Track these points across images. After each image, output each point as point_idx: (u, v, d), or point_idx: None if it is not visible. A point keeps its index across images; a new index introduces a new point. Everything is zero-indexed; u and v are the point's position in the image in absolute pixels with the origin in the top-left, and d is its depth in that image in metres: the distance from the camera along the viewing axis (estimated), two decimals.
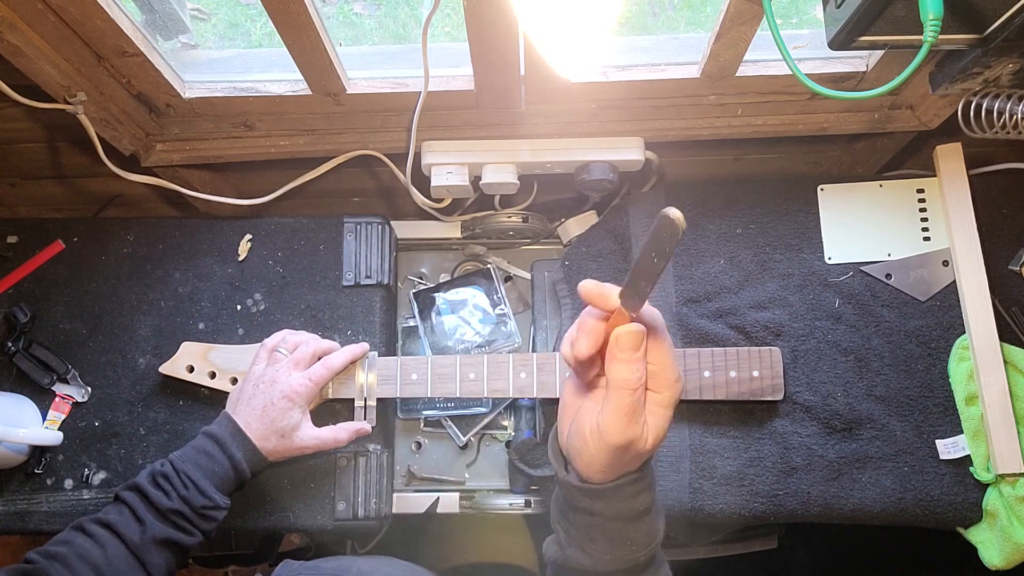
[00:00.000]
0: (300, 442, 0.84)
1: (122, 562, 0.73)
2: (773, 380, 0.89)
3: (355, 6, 1.32)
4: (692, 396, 0.89)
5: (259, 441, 0.82)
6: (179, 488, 0.77)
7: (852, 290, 0.95)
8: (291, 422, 0.83)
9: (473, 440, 1.02)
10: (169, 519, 0.76)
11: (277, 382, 0.84)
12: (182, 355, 0.92)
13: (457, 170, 0.99)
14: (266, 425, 0.82)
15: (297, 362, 0.87)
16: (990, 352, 0.89)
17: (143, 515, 0.75)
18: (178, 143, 1.03)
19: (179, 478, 0.77)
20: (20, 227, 1.02)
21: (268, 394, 0.83)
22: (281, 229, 1.02)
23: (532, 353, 0.90)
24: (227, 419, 0.83)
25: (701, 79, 0.93)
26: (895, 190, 0.99)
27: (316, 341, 0.90)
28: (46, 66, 0.81)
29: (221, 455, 0.80)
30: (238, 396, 0.85)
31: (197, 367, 0.92)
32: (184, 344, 0.93)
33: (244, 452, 0.81)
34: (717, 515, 0.89)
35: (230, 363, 0.92)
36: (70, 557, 0.71)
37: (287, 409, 0.83)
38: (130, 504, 0.76)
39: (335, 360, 0.89)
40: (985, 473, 0.88)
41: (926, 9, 0.66)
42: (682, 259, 0.98)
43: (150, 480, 0.77)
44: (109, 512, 0.76)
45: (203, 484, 0.77)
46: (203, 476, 0.78)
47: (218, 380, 0.92)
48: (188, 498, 0.76)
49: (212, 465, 0.79)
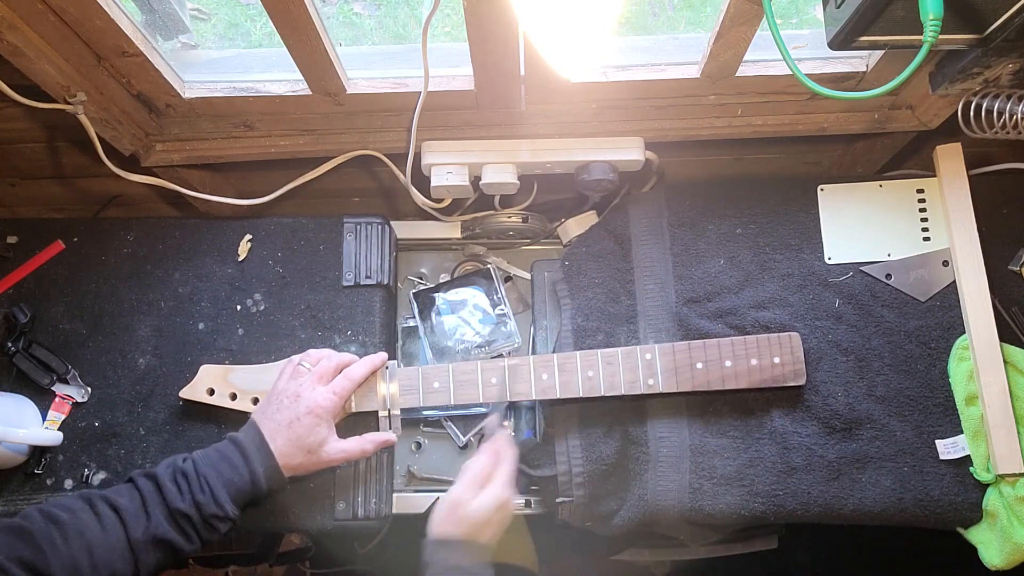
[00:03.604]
0: (327, 456, 0.83)
1: (117, 552, 0.72)
2: (794, 365, 0.90)
3: (355, 6, 1.32)
4: (715, 387, 0.89)
5: (283, 458, 0.80)
6: (195, 491, 0.76)
7: (852, 290, 0.95)
8: (318, 438, 0.82)
9: (473, 440, 1.02)
10: (175, 520, 0.75)
11: (301, 397, 0.83)
12: (201, 378, 0.91)
13: (457, 170, 0.99)
14: (292, 442, 0.81)
15: (320, 376, 0.86)
16: (990, 352, 0.89)
17: (152, 509, 0.74)
18: (178, 143, 1.03)
19: (198, 481, 0.76)
20: (20, 227, 1.02)
21: (293, 409, 0.82)
22: (281, 229, 1.02)
23: (553, 354, 0.90)
24: (255, 429, 0.82)
25: (701, 79, 0.93)
26: (895, 190, 0.99)
27: (336, 355, 0.90)
28: (46, 66, 0.81)
29: (244, 466, 0.78)
30: (264, 409, 0.84)
31: (218, 389, 0.91)
32: (203, 367, 0.92)
33: (265, 468, 0.79)
34: (717, 515, 0.89)
35: (250, 383, 0.91)
36: (70, 529, 0.71)
37: (314, 425, 0.82)
38: (143, 493, 0.75)
39: (356, 371, 0.88)
40: (985, 473, 0.88)
41: (926, 9, 0.66)
42: (682, 259, 0.98)
43: (169, 475, 0.77)
44: (121, 494, 0.75)
45: (219, 492, 0.76)
46: (221, 484, 0.77)
47: (239, 401, 0.90)
48: (201, 503, 0.75)
49: (232, 475, 0.78)
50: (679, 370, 0.89)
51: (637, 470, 0.91)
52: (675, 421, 0.92)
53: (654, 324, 0.96)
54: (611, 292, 0.97)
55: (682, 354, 0.89)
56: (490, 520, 0.80)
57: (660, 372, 0.89)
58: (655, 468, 0.90)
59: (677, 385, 0.89)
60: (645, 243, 0.99)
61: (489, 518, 0.80)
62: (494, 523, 0.80)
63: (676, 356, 0.89)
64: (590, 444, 0.91)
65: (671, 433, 0.91)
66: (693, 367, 0.89)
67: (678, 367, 0.89)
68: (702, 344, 0.90)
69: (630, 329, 0.96)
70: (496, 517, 0.80)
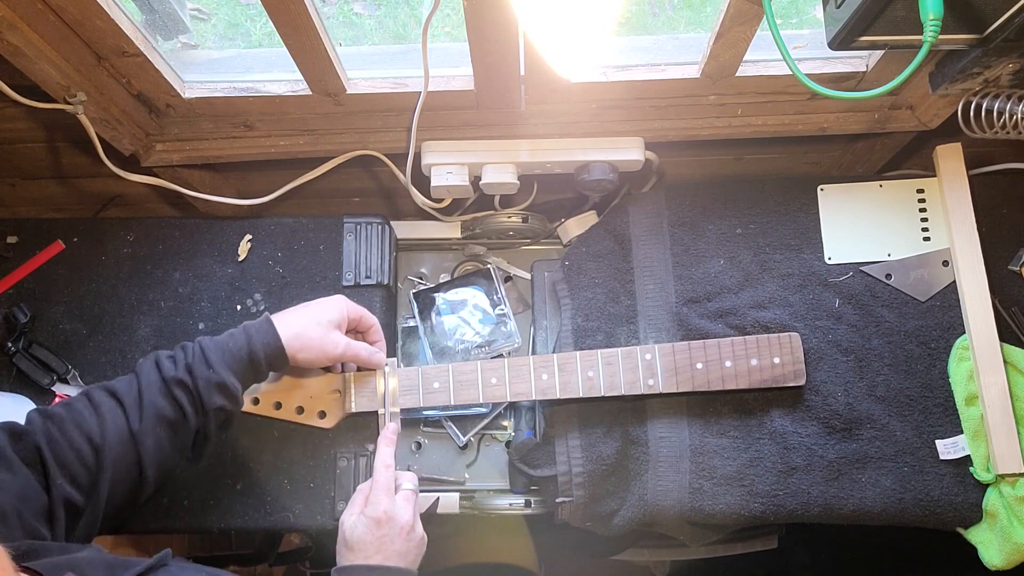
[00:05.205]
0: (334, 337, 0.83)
1: (115, 435, 0.72)
2: (795, 366, 0.90)
3: (355, 6, 1.32)
4: (715, 387, 0.89)
5: (291, 332, 0.81)
6: (190, 358, 0.77)
7: (852, 290, 0.95)
8: (327, 317, 0.83)
9: (473, 440, 1.02)
10: (170, 390, 0.75)
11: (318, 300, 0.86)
12: None
13: (457, 170, 0.99)
14: (302, 316, 0.82)
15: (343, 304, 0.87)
16: (990, 352, 0.89)
17: (147, 387, 0.75)
18: (178, 143, 1.03)
19: (193, 350, 0.78)
20: (20, 227, 1.02)
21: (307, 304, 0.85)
22: (281, 229, 1.02)
23: (553, 354, 0.90)
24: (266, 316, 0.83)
25: (701, 79, 0.93)
26: (895, 190, 0.99)
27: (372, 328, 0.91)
28: (46, 66, 0.81)
29: (242, 336, 0.79)
30: None
31: None
32: None
33: (265, 338, 0.80)
34: (717, 515, 0.89)
35: (271, 385, 0.89)
36: (67, 421, 0.71)
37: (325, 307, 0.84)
38: (140, 375, 0.76)
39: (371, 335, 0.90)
40: (985, 473, 0.88)
41: (926, 9, 0.66)
42: (682, 259, 0.98)
43: (168, 353, 0.78)
44: (121, 381, 0.76)
45: (212, 356, 0.77)
46: (216, 350, 0.77)
47: (262, 406, 0.89)
48: (193, 368, 0.76)
49: (229, 342, 0.79)
50: (679, 370, 0.89)
51: (637, 470, 0.91)
52: (675, 421, 0.92)
53: (654, 324, 0.96)
54: (611, 292, 0.97)
55: (682, 354, 0.89)
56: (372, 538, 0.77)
57: (660, 372, 0.89)
58: (655, 468, 0.90)
59: (677, 385, 0.89)
60: (645, 243, 0.99)
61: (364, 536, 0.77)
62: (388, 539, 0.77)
63: (676, 356, 0.89)
64: (590, 444, 0.91)
65: (671, 433, 0.91)
66: (693, 367, 0.89)
67: (678, 367, 0.89)
68: (702, 344, 0.90)
69: (630, 329, 0.96)
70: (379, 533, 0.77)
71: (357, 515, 0.79)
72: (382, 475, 0.81)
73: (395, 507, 0.79)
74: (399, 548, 0.77)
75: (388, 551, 0.77)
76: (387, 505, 0.78)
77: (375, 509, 0.78)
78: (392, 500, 0.79)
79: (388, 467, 0.82)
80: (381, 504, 0.78)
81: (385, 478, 0.81)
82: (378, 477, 0.81)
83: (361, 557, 0.76)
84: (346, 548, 0.78)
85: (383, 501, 0.79)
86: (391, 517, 0.78)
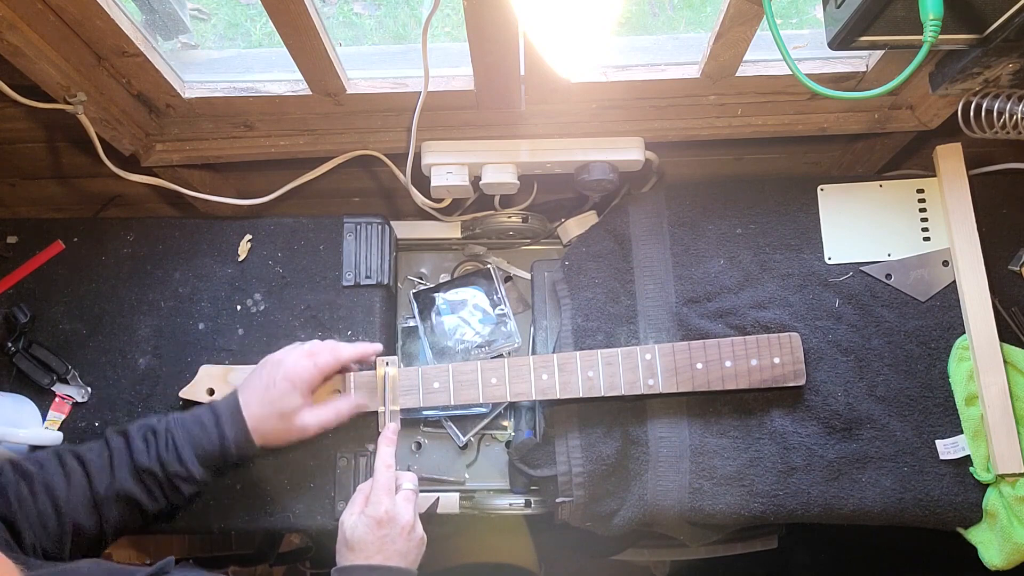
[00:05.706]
0: (301, 423, 0.82)
1: (81, 505, 0.74)
2: (794, 366, 0.90)
3: (355, 6, 1.32)
4: (715, 387, 0.89)
5: (256, 422, 0.80)
6: (161, 449, 0.77)
7: (852, 290, 0.95)
8: (291, 405, 0.81)
9: (473, 440, 1.02)
10: (139, 476, 0.76)
11: (282, 363, 0.83)
12: (201, 378, 0.91)
13: (457, 170, 0.99)
14: (265, 406, 0.81)
15: (310, 351, 0.85)
16: (990, 352, 0.89)
17: (117, 465, 0.76)
18: (178, 143, 1.03)
19: (165, 438, 0.78)
20: (20, 227, 1.02)
21: (271, 375, 0.82)
22: (281, 229, 1.02)
23: (553, 354, 0.90)
24: (233, 396, 0.82)
25: (701, 79, 0.93)
26: (895, 190, 0.99)
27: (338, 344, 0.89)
28: (46, 66, 0.81)
29: (214, 428, 0.79)
30: (248, 377, 0.85)
31: (218, 389, 0.91)
32: (203, 367, 0.92)
33: (235, 431, 0.79)
34: (717, 515, 0.89)
35: None
36: (37, 483, 0.73)
37: (287, 392, 0.81)
38: (111, 449, 0.77)
39: (343, 350, 0.87)
40: (985, 473, 0.88)
41: (926, 9, 0.66)
42: (682, 259, 0.98)
43: (140, 432, 0.78)
44: (91, 449, 0.77)
45: (185, 451, 0.77)
46: (188, 443, 0.78)
47: None
48: (165, 461, 0.76)
49: (201, 436, 0.79)
50: (679, 370, 0.89)
51: (637, 470, 0.91)
52: (675, 421, 0.92)
53: (654, 324, 0.96)
54: (611, 292, 0.97)
55: (682, 354, 0.89)
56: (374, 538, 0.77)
57: (660, 372, 0.89)
58: (655, 468, 0.90)
59: (677, 385, 0.89)
60: (645, 243, 0.99)
61: (365, 536, 0.77)
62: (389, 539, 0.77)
63: (676, 356, 0.89)
64: (590, 444, 0.91)
65: (671, 433, 0.91)
66: (693, 367, 0.89)
67: (678, 367, 0.89)
68: (702, 344, 0.90)
69: (630, 329, 0.96)
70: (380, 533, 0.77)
71: (358, 515, 0.79)
72: (383, 475, 0.81)
73: (396, 507, 0.79)
74: (400, 548, 0.77)
75: (389, 551, 0.77)
76: (388, 505, 0.78)
77: (376, 509, 0.78)
78: (393, 500, 0.79)
79: (389, 467, 0.82)
80: (382, 504, 0.78)
81: (386, 478, 0.81)
82: (379, 477, 0.81)
83: (362, 557, 0.76)
84: (346, 548, 0.78)
85: (384, 501, 0.79)
86: (392, 517, 0.78)
